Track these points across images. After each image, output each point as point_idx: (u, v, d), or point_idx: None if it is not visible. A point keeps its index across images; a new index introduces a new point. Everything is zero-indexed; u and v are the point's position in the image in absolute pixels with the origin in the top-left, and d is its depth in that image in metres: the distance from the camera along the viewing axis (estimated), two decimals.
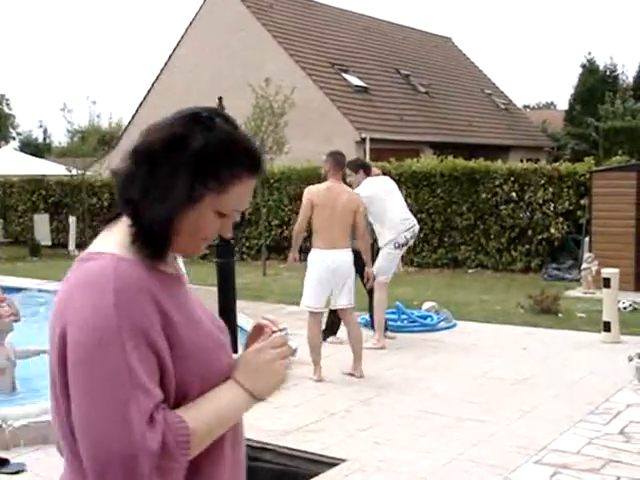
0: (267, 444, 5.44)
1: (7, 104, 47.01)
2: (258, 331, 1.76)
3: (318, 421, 5.91)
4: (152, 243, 1.59)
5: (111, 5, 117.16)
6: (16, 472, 5.07)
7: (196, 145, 1.61)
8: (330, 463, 5.17)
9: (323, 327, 8.86)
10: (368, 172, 8.86)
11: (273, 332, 1.72)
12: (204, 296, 3.50)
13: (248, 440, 5.24)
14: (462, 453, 5.15)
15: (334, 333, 8.84)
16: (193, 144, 1.61)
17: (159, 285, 1.58)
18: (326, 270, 7.08)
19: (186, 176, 1.59)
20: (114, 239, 1.62)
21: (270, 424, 5.80)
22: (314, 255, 7.27)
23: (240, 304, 11.07)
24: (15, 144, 49.02)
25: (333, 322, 8.77)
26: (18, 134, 50.67)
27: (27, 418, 5.63)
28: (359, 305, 8.17)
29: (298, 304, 11.22)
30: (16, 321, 7.14)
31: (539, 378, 7.11)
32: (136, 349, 1.47)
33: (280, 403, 6.37)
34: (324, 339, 8.77)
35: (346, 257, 7.17)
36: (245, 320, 9.36)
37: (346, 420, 5.96)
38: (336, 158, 7.53)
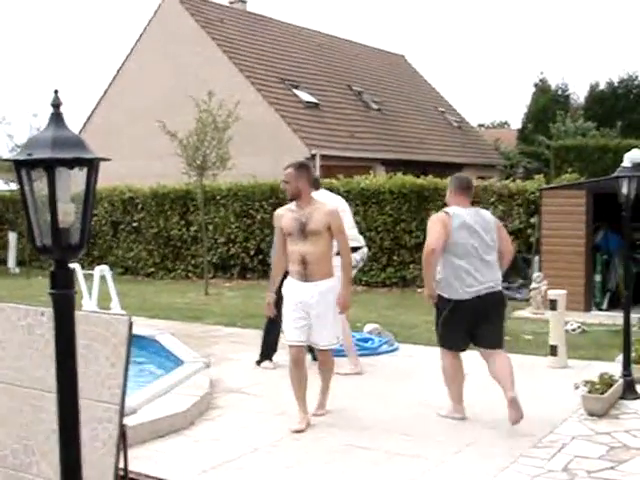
0: None
1: None
2: None
3: (240, 457, 5.43)
4: None
5: (59, 13, 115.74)
6: None
7: None
8: None
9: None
10: (317, 187, 8.41)
11: None
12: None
13: None
14: None
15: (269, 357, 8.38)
16: None
17: None
18: None
19: None
20: None
21: (188, 461, 5.32)
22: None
23: (175, 325, 10.68)
24: None
25: (267, 345, 8.33)
26: None
27: None
28: None
29: (236, 326, 10.87)
30: None
31: (479, 407, 6.68)
32: None
33: (199, 437, 5.89)
34: (257, 363, 8.35)
35: None
36: (168, 339, 8.89)
37: (272, 456, 5.48)
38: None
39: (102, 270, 10.90)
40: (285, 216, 6.11)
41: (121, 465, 3.68)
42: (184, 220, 17.98)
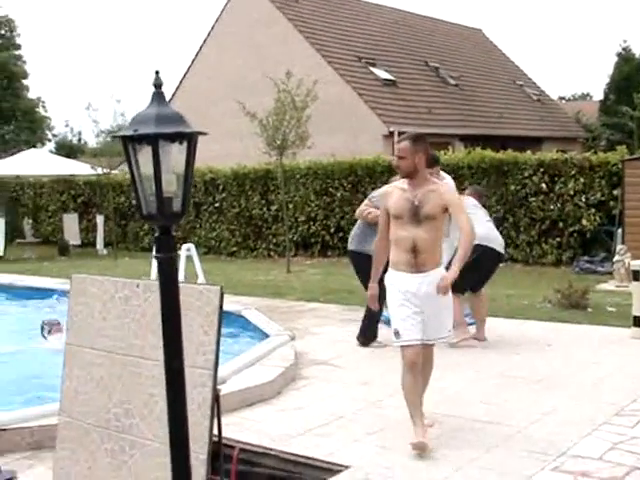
0: (270, 449, 5.16)
1: (43, 106, 47.39)
2: None
3: (324, 425, 5.62)
4: None
5: (137, 5, 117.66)
6: None
7: None
8: (335, 470, 4.88)
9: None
10: (431, 166, 7.91)
11: None
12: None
13: (250, 445, 4.98)
14: (474, 459, 4.81)
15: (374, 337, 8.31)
16: None
17: None
18: None
19: None
20: None
21: (274, 428, 5.53)
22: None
23: (258, 301, 10.94)
24: (51, 146, 49.44)
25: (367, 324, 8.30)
26: (54, 136, 51.10)
27: (22, 422, 5.44)
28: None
29: (318, 301, 11.08)
30: None
31: (561, 377, 6.74)
32: None
33: (285, 405, 6.11)
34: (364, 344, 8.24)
35: None
36: (253, 314, 9.15)
37: (354, 423, 5.66)
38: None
39: (188, 249, 11.23)
40: (394, 195, 5.26)
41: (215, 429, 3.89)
42: (265, 199, 18.27)
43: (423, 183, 5.20)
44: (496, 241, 8.37)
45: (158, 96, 2.51)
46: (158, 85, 2.52)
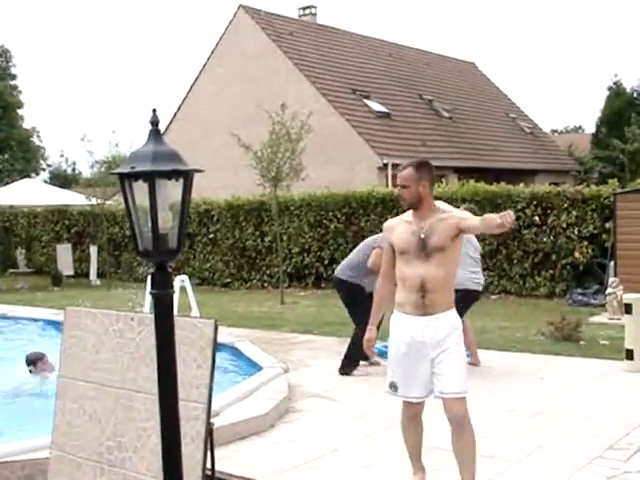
0: None
1: (38, 136, 47.55)
2: None
3: (318, 458, 5.60)
4: None
5: (133, 36, 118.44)
6: None
7: None
8: None
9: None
10: None
11: None
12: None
13: (243, 478, 4.94)
14: None
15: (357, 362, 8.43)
16: None
17: None
18: None
19: None
20: None
21: (267, 461, 5.52)
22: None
23: (252, 333, 10.93)
24: (45, 175, 49.54)
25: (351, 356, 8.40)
26: (48, 166, 51.23)
27: (13, 455, 5.41)
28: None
29: (312, 333, 11.08)
30: None
31: (555, 410, 6.74)
32: None
33: (278, 438, 6.09)
34: (345, 373, 8.36)
35: None
36: (247, 346, 9.14)
37: (348, 457, 5.64)
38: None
39: (182, 280, 11.23)
40: (399, 228, 4.76)
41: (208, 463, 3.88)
42: (259, 231, 18.30)
43: (430, 213, 4.67)
44: (473, 281, 8.54)
45: (155, 133, 2.54)
46: (155, 123, 2.56)
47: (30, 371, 8.37)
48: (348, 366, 8.37)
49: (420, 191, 4.66)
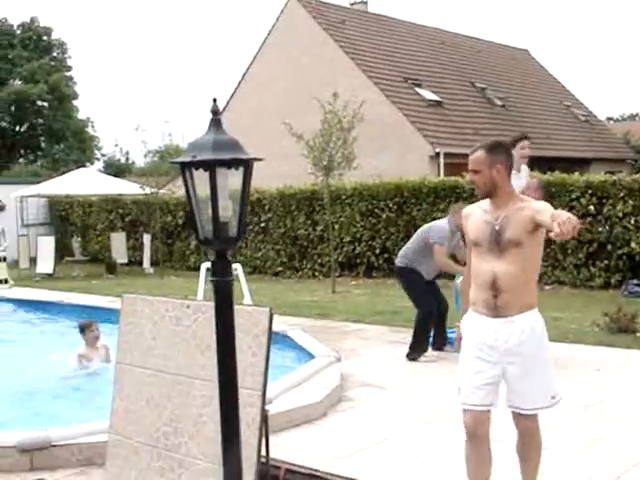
0: (316, 470, 5.17)
1: (92, 126, 48.28)
2: None
3: (371, 447, 5.61)
4: None
5: (184, 27, 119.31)
6: None
7: None
8: None
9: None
10: None
11: None
12: None
13: (296, 465, 4.99)
14: None
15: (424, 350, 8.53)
16: None
17: None
18: None
19: None
20: None
21: (319, 449, 5.54)
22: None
23: (304, 321, 10.97)
24: (99, 165, 50.31)
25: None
26: (102, 155, 52.00)
27: (72, 439, 5.52)
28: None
29: (364, 322, 11.08)
30: None
31: (611, 402, 6.66)
32: None
33: (331, 427, 6.11)
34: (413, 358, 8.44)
35: None
36: (299, 335, 9.17)
37: (401, 446, 5.64)
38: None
39: (235, 268, 11.32)
40: (474, 216, 4.24)
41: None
42: (310, 220, 18.33)
43: (507, 202, 4.10)
44: None
45: (215, 122, 2.56)
46: (215, 112, 2.58)
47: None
48: (416, 351, 8.42)
49: (494, 176, 4.08)
